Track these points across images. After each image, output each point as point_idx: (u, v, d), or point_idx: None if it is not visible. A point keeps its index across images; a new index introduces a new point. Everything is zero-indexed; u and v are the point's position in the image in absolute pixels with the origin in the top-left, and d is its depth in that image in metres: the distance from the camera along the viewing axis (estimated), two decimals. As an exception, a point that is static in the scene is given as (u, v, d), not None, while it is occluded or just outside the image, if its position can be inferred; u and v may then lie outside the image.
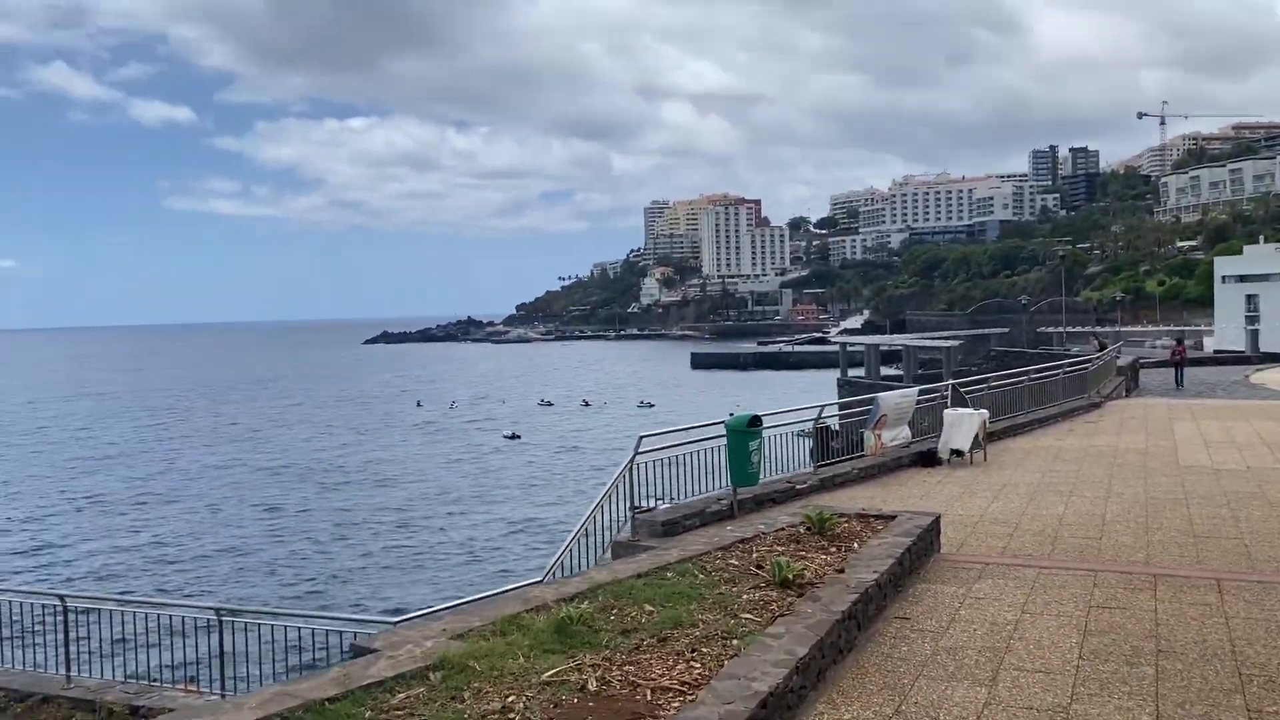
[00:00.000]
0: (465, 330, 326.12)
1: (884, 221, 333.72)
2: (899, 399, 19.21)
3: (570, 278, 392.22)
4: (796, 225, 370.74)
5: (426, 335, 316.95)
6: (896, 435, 19.04)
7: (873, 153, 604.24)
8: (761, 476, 15.33)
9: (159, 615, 11.72)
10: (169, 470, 72.82)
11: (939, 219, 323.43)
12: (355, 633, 10.70)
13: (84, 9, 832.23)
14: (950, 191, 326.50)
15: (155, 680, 11.97)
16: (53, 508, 58.67)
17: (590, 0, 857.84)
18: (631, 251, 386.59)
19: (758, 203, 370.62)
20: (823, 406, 17.27)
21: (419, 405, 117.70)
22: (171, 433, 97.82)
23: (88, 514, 56.79)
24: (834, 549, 10.27)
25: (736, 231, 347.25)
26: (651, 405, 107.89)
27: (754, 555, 10.02)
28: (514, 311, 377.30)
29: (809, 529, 10.98)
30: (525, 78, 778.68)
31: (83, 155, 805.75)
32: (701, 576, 9.30)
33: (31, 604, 12.29)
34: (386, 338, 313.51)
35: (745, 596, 8.63)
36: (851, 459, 18.36)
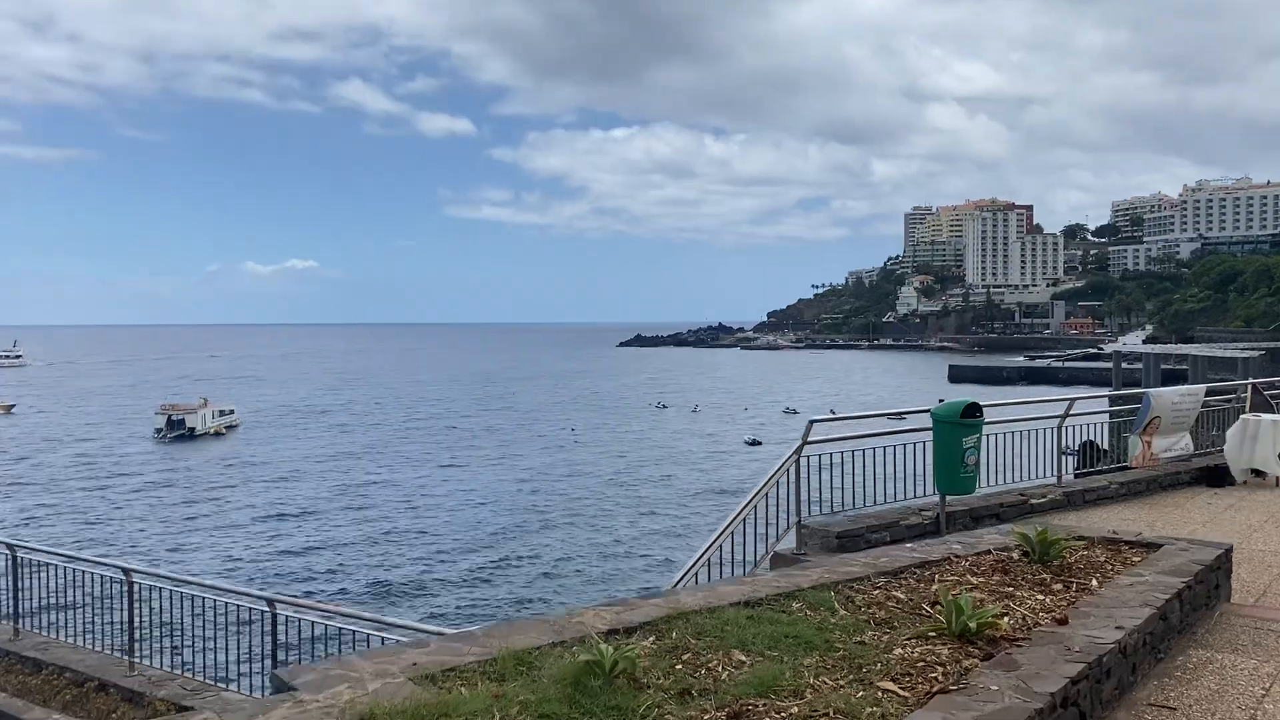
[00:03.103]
0: (714, 336, 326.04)
1: (1172, 230, 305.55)
2: (1178, 397, 14.99)
3: (824, 285, 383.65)
4: (1072, 233, 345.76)
5: (677, 340, 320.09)
6: (1173, 445, 14.88)
7: (1161, 156, 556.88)
8: (982, 483, 11.92)
9: (215, 600, 10.00)
10: (400, 457, 75.39)
11: (1237, 228, 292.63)
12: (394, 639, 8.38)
13: (379, 30, 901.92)
14: (1252, 198, 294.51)
15: (213, 678, 10.24)
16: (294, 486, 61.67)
17: (854, 4, 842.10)
18: (889, 259, 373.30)
19: (1029, 209, 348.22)
20: (1072, 400, 13.46)
21: (663, 407, 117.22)
22: (427, 423, 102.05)
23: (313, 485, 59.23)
24: (1058, 586, 6.90)
25: (1005, 239, 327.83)
26: (903, 417, 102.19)
27: (933, 587, 6.84)
28: (764, 319, 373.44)
29: (1025, 553, 7.63)
30: (785, 83, 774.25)
31: (375, 165, 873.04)
32: (842, 612, 6.25)
33: (98, 575, 10.90)
34: (639, 341, 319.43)
35: (897, 651, 5.53)
36: (1110, 470, 14.44)
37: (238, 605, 9.67)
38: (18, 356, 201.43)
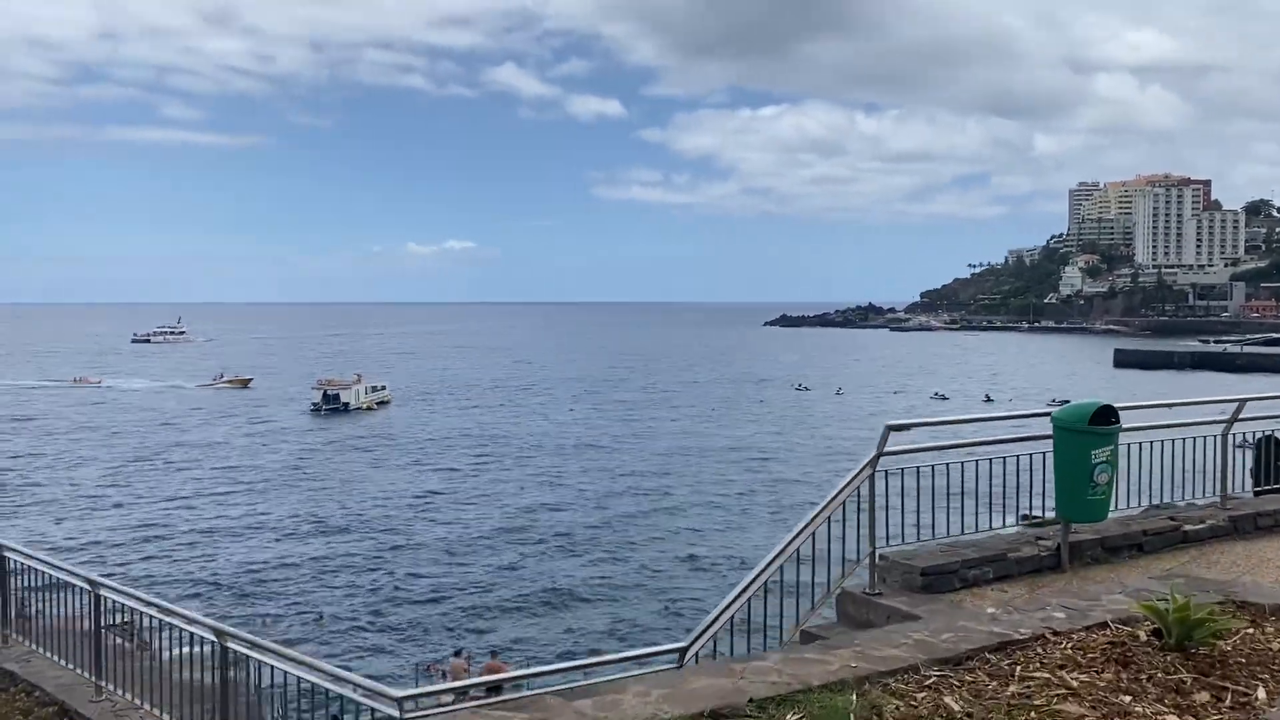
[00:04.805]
0: (864, 316, 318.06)
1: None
2: (1385, 399, 12.03)
3: (981, 265, 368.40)
4: (1255, 210, 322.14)
5: (823, 320, 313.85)
6: (1377, 457, 11.96)
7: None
8: (1119, 503, 9.49)
9: (170, 627, 8.60)
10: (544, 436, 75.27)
11: None
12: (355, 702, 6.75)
13: (533, 14, 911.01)
14: None
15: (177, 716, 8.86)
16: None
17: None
18: (1052, 238, 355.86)
19: (1206, 184, 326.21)
20: (1242, 401, 10.76)
21: (805, 389, 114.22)
22: (573, 401, 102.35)
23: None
24: (1203, 696, 4.64)
25: (1179, 216, 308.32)
26: (1065, 404, 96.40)
27: (1008, 690, 4.68)
28: (917, 299, 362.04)
29: (1156, 633, 5.35)
30: (941, 56, 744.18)
31: (527, 148, 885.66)
32: (857, 735, 4.20)
33: (61, 578, 9.70)
34: (785, 321, 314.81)
35: (916, 829, 3.46)
36: (1291, 489, 11.65)
37: (190, 633, 8.28)
38: (181, 332, 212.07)
